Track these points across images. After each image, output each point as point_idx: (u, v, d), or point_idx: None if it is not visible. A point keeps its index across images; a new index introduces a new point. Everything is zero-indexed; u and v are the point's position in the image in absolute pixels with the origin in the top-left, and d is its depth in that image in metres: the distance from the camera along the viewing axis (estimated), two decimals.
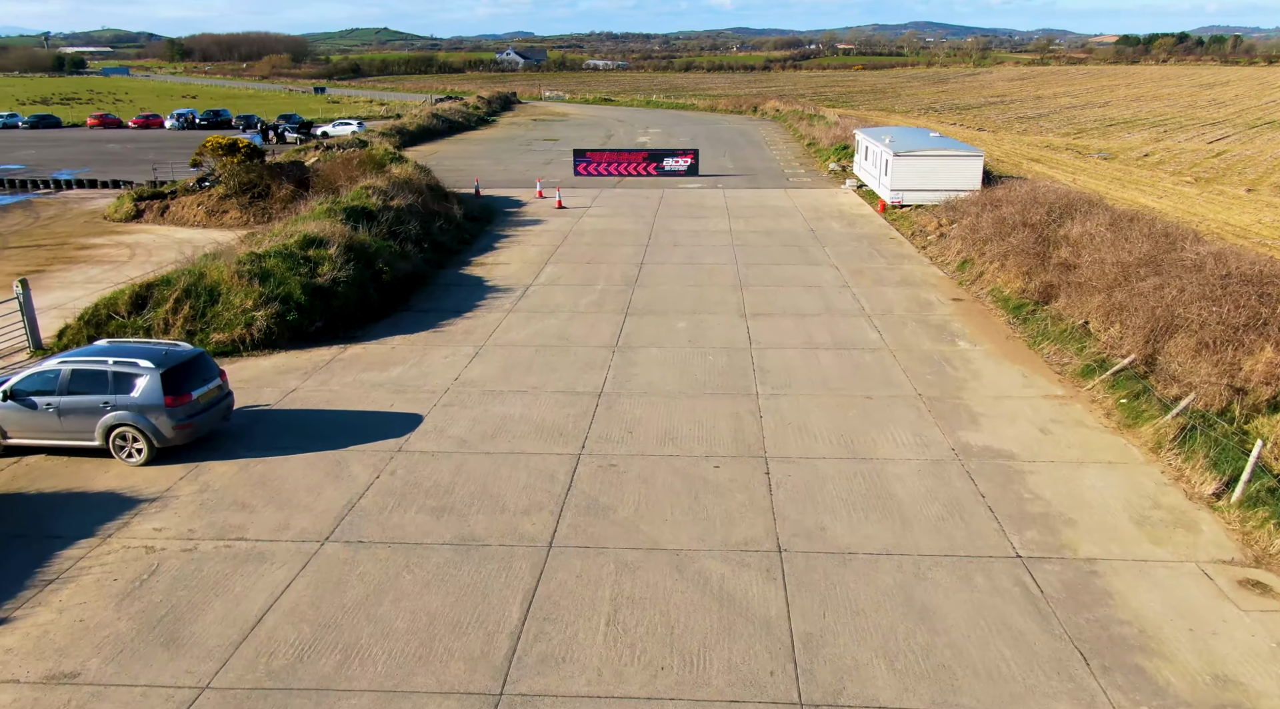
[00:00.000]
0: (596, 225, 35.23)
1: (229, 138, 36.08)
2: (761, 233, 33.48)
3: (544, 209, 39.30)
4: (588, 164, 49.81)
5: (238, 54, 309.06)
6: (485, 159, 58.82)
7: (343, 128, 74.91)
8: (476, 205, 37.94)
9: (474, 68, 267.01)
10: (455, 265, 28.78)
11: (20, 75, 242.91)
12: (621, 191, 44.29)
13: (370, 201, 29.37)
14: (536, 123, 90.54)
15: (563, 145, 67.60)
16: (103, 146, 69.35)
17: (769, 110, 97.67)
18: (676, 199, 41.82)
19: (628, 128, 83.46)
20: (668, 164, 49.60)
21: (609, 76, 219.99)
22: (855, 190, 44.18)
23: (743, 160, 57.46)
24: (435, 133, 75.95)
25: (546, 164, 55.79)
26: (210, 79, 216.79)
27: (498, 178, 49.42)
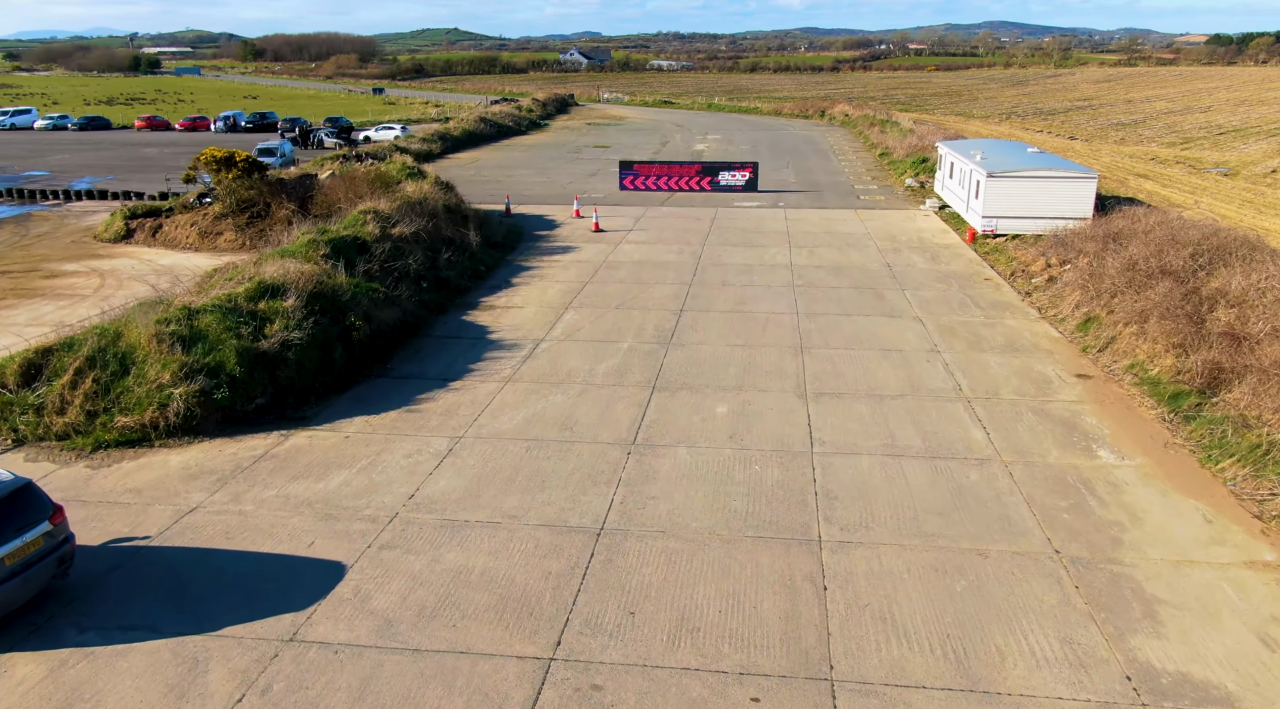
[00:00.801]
0: (635, 255, 30.37)
1: (225, 150, 32.15)
2: (828, 269, 28.22)
3: (579, 232, 34.59)
4: (635, 177, 45.00)
5: (307, 54, 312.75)
6: (527, 169, 54.44)
7: (385, 132, 71.42)
8: (501, 228, 33.39)
9: (537, 68, 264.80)
10: (459, 308, 24.19)
11: (98, 75, 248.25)
12: (669, 211, 39.36)
13: (366, 230, 24.98)
14: (590, 127, 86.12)
15: (614, 153, 62.94)
16: (140, 151, 66.94)
17: (837, 115, 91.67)
18: (730, 221, 36.72)
19: (685, 134, 78.45)
20: (723, 178, 44.51)
21: (672, 77, 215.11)
22: (937, 212, 38.53)
23: (807, 173, 52.02)
24: (481, 138, 72.01)
25: (592, 176, 51.13)
26: (276, 79, 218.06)
27: (535, 192, 44.90)
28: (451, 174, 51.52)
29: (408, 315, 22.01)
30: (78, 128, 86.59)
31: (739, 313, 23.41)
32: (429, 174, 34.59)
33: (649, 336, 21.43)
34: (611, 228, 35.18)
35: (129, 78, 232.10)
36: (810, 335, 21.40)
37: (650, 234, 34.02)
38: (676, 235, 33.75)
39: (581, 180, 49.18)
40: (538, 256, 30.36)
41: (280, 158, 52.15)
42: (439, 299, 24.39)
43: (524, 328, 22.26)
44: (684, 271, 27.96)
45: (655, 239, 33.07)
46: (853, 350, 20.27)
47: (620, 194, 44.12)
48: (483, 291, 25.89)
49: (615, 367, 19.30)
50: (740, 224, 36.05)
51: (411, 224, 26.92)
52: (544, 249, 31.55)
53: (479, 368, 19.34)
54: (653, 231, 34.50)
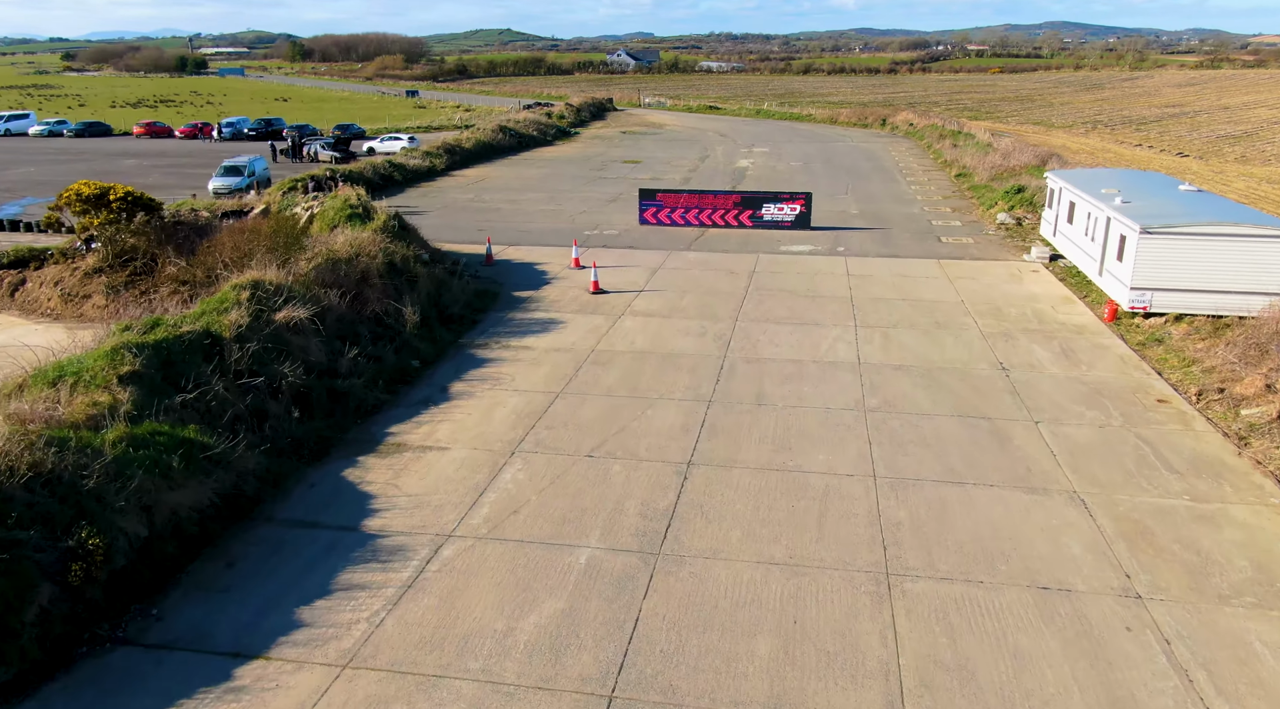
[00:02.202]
0: (638, 338, 21.77)
1: (98, 184, 24.31)
2: (915, 373, 19.33)
3: (572, 294, 26.12)
4: (659, 209, 36.40)
5: (355, 55, 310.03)
6: (537, 192, 46.12)
7: (391, 143, 63.80)
8: (466, 292, 25.06)
9: (583, 69, 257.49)
10: (350, 448, 15.82)
11: (144, 75, 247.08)
12: (697, 257, 30.70)
13: (226, 319, 16.76)
14: (624, 136, 77.69)
15: (644, 169, 54.42)
16: (118, 162, 60.15)
17: (900, 124, 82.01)
18: (775, 276, 27.94)
19: (728, 146, 69.60)
20: (768, 212, 35.69)
21: (721, 79, 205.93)
22: (1046, 264, 29.32)
23: (872, 201, 42.91)
24: (497, 150, 63.98)
25: (611, 202, 42.64)
26: (317, 80, 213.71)
27: (536, 226, 36.54)
28: (444, 200, 43.44)
29: (244, 480, 13.69)
30: (73, 134, 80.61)
31: (779, 472, 14.68)
32: (377, 215, 26.41)
33: (627, 533, 12.82)
34: (616, 287, 26.64)
35: (173, 78, 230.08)
36: (900, 540, 12.59)
37: (666, 299, 25.39)
38: (701, 301, 25.07)
39: (597, 209, 40.72)
40: (503, 339, 21.91)
41: (247, 178, 44.55)
42: (323, 431, 16.06)
43: (432, 501, 13.81)
44: (703, 373, 19.29)
45: (671, 308, 24.43)
46: (981, 588, 11.44)
47: (639, 230, 35.57)
48: (400, 411, 17.49)
49: (550, 627, 10.72)
50: (788, 281, 27.24)
51: (310, 303, 18.65)
52: (516, 325, 23.09)
53: (313, 619, 10.91)
54: (670, 294, 25.87)
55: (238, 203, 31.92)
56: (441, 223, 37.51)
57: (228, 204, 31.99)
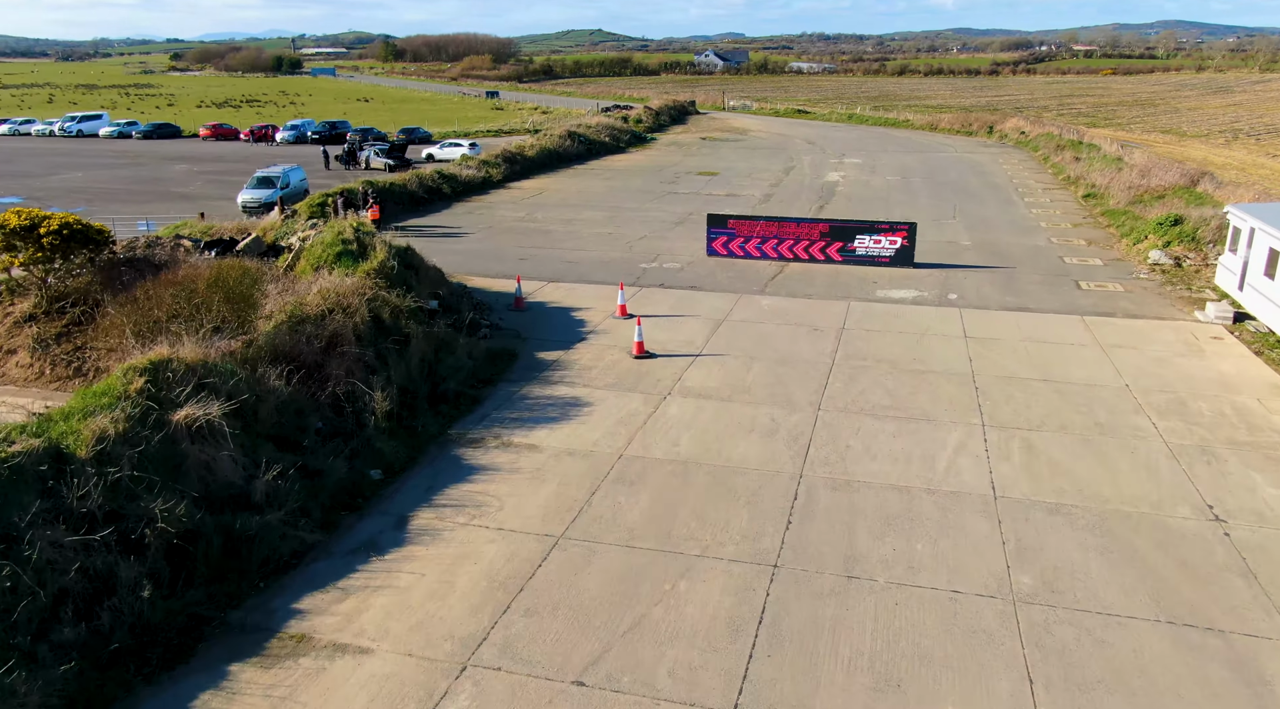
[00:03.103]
0: (682, 440, 16.13)
1: (31, 213, 19.92)
2: (1085, 524, 13.18)
3: (610, 355, 20.65)
4: (729, 239, 30.65)
5: (446, 55, 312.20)
6: (597, 209, 40.83)
7: (452, 150, 59.59)
8: (478, 353, 19.82)
9: (669, 70, 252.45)
10: (215, 653, 10.58)
11: (241, 75, 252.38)
12: (770, 307, 24.85)
13: (86, 429, 11.83)
14: (704, 143, 71.96)
15: (720, 183, 48.62)
16: (168, 167, 57.37)
17: (1010, 132, 74.08)
18: (870, 340, 21.89)
19: (817, 155, 63.15)
20: (862, 246, 29.55)
21: (812, 81, 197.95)
22: (1230, 326, 22.53)
23: (986, 228, 36.23)
24: (563, 158, 59.03)
25: (678, 225, 37.03)
26: (403, 80, 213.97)
27: (585, 256, 31.19)
28: (491, 218, 38.51)
29: None
30: (141, 135, 79.16)
31: None
32: (374, 252, 21.36)
33: None
34: (667, 348, 21.05)
35: (267, 78, 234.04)
36: None
37: (727, 369, 19.65)
38: (773, 374, 19.26)
39: (660, 233, 35.16)
40: (506, 432, 16.54)
41: (279, 190, 40.45)
42: (198, 607, 10.92)
43: None
44: (768, 506, 13.54)
45: (733, 384, 18.68)
46: None
47: (706, 264, 29.88)
48: (329, 564, 12.23)
49: None
50: (887, 345, 21.17)
51: (236, 391, 13.61)
52: (529, 407, 17.71)
53: None
54: (733, 361, 20.12)
55: (236, 227, 27.44)
56: (480, 248, 32.51)
57: (228, 227, 27.55)
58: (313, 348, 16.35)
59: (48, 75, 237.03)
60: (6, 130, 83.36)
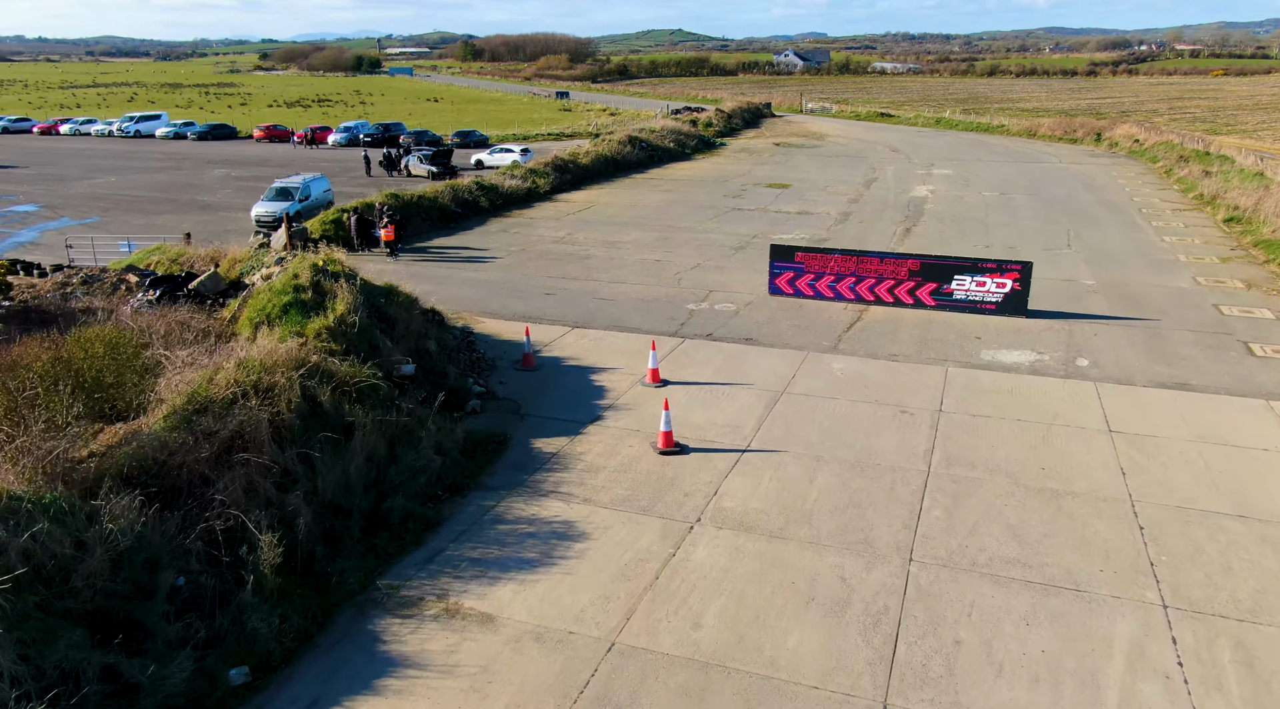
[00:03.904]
0: (707, 616, 11.02)
1: None
2: None
3: (627, 447, 15.65)
4: (797, 275, 25.32)
5: (523, 54, 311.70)
6: (647, 229, 35.82)
7: (502, 156, 55.37)
8: (451, 443, 15.02)
9: (747, 70, 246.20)
10: None
11: (321, 74, 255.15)
12: (844, 373, 19.46)
13: None
14: (777, 150, 66.34)
15: (792, 197, 43.12)
16: (208, 171, 54.46)
17: (1120, 139, 66.48)
18: (978, 434, 16.35)
19: (902, 164, 56.97)
20: (961, 288, 23.89)
21: (896, 82, 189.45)
22: None
23: (1112, 261, 30.01)
24: (621, 166, 54.22)
25: (737, 251, 31.82)
26: (477, 79, 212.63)
27: (623, 290, 26.22)
28: (526, 238, 33.87)
29: None
30: (197, 137, 77.31)
31: None
32: (336, 304, 16.72)
33: None
34: (704, 436, 15.94)
35: (346, 77, 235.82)
36: None
37: (783, 477, 14.41)
38: (845, 488, 13.96)
39: (716, 261, 29.99)
40: (454, 590, 11.65)
41: (297, 203, 36.56)
42: None
43: None
44: None
45: (789, 506, 13.44)
46: None
47: (767, 305, 24.63)
48: None
49: None
50: (1002, 444, 15.62)
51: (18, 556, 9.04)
52: (497, 541, 12.78)
53: None
54: (792, 463, 14.87)
55: (209, 255, 23.20)
56: (503, 279, 27.86)
57: (200, 255, 23.39)
58: (198, 455, 11.75)
59: (141, 74, 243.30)
60: (68, 130, 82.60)
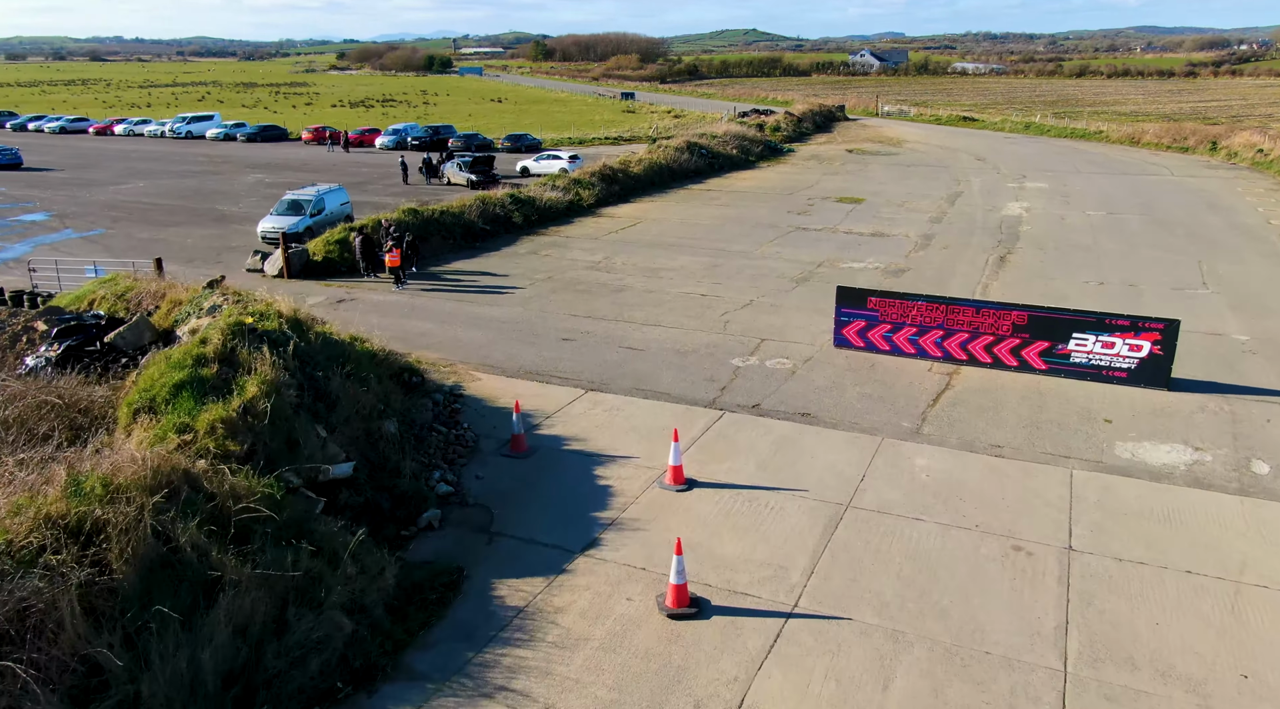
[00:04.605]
0: None
1: None
2: None
3: (626, 597, 11.17)
4: (869, 325, 20.45)
5: (594, 54, 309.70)
6: (696, 253, 31.21)
7: (550, 163, 51.44)
8: (374, 593, 10.71)
9: (821, 70, 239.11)
10: None
11: (393, 74, 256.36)
12: (929, 476, 14.61)
13: None
14: (848, 157, 60.97)
15: (864, 215, 38.00)
16: (242, 177, 51.62)
17: (1240, 149, 59.27)
18: (1130, 591, 11.41)
19: (989, 176, 51.15)
20: (1081, 349, 18.70)
21: (978, 83, 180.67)
22: None
23: (1264, 311, 24.22)
24: (677, 175, 49.69)
25: (799, 284, 27.02)
26: (545, 79, 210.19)
27: (657, 336, 21.68)
28: (557, 262, 29.58)
29: None
30: (246, 138, 75.30)
31: None
32: (250, 380, 12.63)
33: None
34: (731, 586, 11.35)
35: (416, 77, 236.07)
36: None
37: (842, 675, 9.73)
38: (943, 697, 9.27)
39: (774, 298, 25.24)
40: None
41: (308, 218, 32.96)
42: None
43: None
44: None
45: None
46: None
47: (831, 362, 19.83)
48: None
49: None
50: (1173, 623, 10.66)
51: None
52: None
53: None
54: (855, 646, 10.18)
55: (156, 292, 19.40)
56: (518, 317, 23.60)
57: (149, 289, 19.63)
58: None
59: (221, 74, 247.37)
60: (122, 130, 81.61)
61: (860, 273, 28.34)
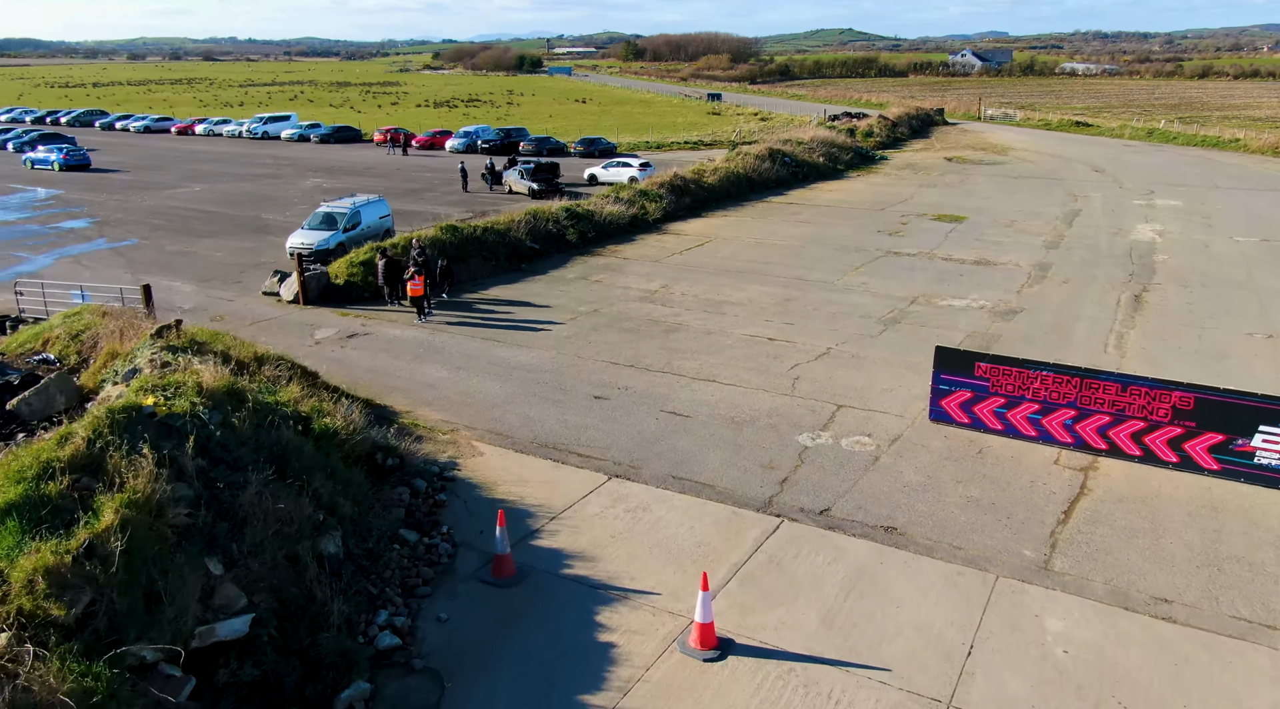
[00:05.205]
0: None
1: None
2: None
3: None
4: (977, 397, 16.01)
5: (684, 54, 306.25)
6: (769, 283, 27.05)
7: (619, 171, 47.86)
8: None
9: (919, 71, 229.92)
10: None
11: (484, 73, 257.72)
12: (1066, 641, 10.27)
13: None
14: (948, 167, 55.59)
15: (967, 237, 33.16)
16: (302, 180, 49.57)
17: None
18: None
19: (1110, 190, 45.28)
20: (1269, 447, 13.94)
21: (1090, 84, 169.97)
22: None
23: None
24: (756, 185, 45.48)
25: (887, 328, 22.61)
26: (632, 80, 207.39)
27: (709, 402, 17.68)
28: (609, 291, 25.85)
29: None
30: (320, 139, 74.09)
31: None
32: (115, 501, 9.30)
33: None
34: None
35: (505, 77, 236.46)
36: None
37: None
38: None
39: (856, 345, 20.94)
40: None
41: (341, 234, 30.02)
42: None
43: None
44: None
45: None
46: None
47: (926, 445, 15.51)
48: None
49: None
50: None
51: None
52: None
53: None
54: None
55: (118, 329, 16.35)
56: (548, 364, 19.92)
57: (110, 328, 16.58)
58: None
59: (320, 74, 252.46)
60: (202, 130, 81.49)
61: (962, 313, 23.75)
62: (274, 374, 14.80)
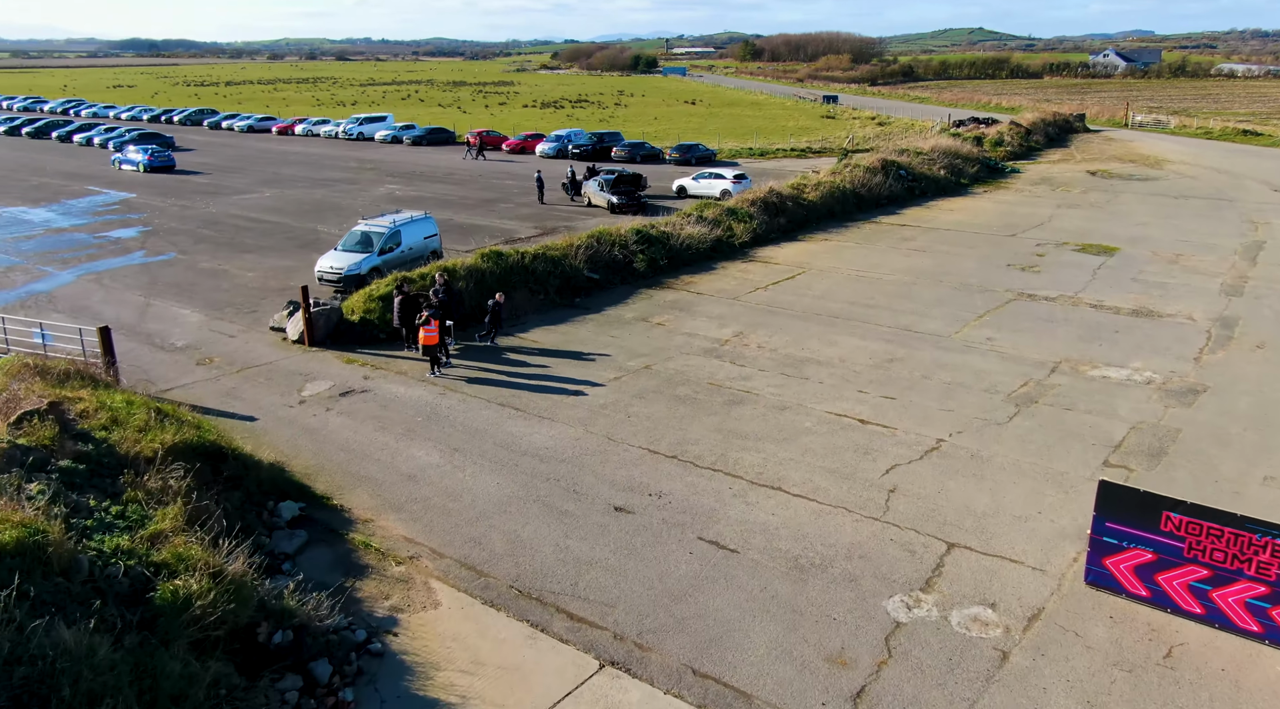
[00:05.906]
0: None
1: None
2: None
3: None
4: (1163, 560, 10.69)
5: (804, 54, 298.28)
6: (867, 334, 21.90)
7: (711, 183, 43.31)
8: None
9: (1054, 72, 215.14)
10: None
11: (599, 73, 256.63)
12: None
13: None
14: (1093, 182, 48.45)
15: (1121, 275, 27.05)
16: (374, 188, 46.84)
17: None
18: None
19: None
20: None
21: (1252, 87, 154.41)
22: None
23: None
24: (865, 201, 39.98)
25: (1020, 409, 17.17)
26: (746, 80, 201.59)
27: (767, 526, 12.88)
28: (672, 337, 21.13)
29: None
30: (412, 141, 72.06)
31: None
32: None
33: None
34: None
35: (618, 77, 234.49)
36: None
37: None
38: None
39: (978, 437, 15.70)
40: None
41: (376, 256, 26.41)
42: None
43: None
44: None
45: None
46: None
47: (1083, 626, 10.32)
48: None
49: None
50: None
51: None
52: None
53: None
54: None
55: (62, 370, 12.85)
56: (569, 451, 15.51)
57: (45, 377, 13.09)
58: None
59: (440, 73, 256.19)
60: (301, 130, 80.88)
61: (1121, 391, 18.12)
62: (161, 484, 10.88)
